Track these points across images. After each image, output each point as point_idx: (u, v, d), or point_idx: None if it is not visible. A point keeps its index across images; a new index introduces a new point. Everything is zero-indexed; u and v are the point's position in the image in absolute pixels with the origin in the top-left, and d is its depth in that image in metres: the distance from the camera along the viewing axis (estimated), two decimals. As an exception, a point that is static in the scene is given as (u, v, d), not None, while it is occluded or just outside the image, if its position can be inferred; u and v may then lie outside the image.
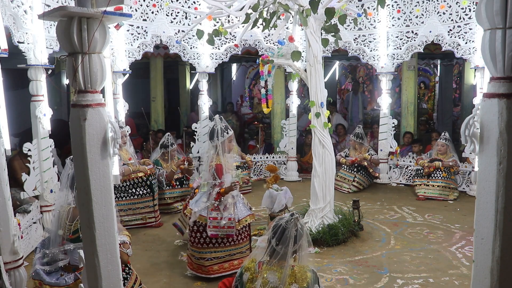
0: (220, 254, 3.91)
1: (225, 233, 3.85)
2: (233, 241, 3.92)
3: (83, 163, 2.02)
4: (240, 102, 12.70)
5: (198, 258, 3.91)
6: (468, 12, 6.13)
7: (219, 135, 3.87)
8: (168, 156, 5.99)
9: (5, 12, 3.96)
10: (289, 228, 2.35)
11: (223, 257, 3.91)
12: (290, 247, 2.36)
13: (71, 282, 3.10)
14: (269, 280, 2.38)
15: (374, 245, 4.67)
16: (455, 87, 11.80)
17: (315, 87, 4.67)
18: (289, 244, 2.35)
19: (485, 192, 1.74)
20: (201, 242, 3.89)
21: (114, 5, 1.94)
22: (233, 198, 3.93)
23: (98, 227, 2.06)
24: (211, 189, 3.90)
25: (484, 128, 1.73)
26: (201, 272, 3.91)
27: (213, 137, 3.91)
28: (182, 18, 6.56)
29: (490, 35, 1.67)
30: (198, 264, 3.92)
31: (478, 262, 1.81)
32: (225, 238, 3.88)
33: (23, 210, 4.43)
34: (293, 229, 2.35)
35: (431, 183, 6.47)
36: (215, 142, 3.89)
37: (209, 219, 3.83)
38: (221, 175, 3.87)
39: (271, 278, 2.38)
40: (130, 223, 5.22)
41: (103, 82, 2.06)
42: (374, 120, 10.38)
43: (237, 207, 3.96)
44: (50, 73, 4.80)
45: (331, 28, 4.62)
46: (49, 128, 4.69)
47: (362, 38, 7.00)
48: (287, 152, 7.66)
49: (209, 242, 3.89)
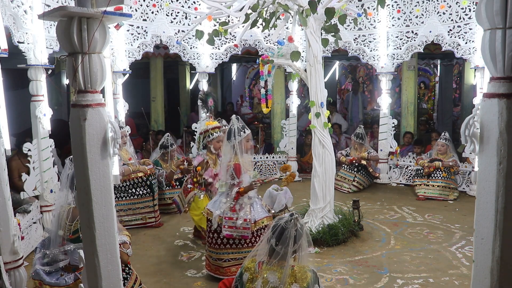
0: (237, 256, 3.85)
1: (240, 234, 3.79)
2: (250, 243, 3.84)
3: (83, 163, 2.01)
4: (240, 102, 12.70)
5: (216, 259, 3.87)
6: (468, 12, 6.13)
7: (236, 134, 3.86)
8: (168, 156, 5.99)
9: (5, 12, 3.96)
10: (289, 228, 2.36)
11: (240, 258, 3.82)
12: (290, 247, 2.36)
13: (71, 282, 3.10)
14: (269, 280, 2.38)
15: (374, 245, 4.67)
16: (455, 87, 11.80)
17: (315, 87, 4.67)
18: (289, 244, 2.35)
19: (485, 192, 1.74)
20: (218, 243, 3.85)
21: (114, 5, 1.93)
22: (249, 198, 3.88)
23: (98, 227, 2.06)
24: (229, 190, 3.87)
25: (484, 128, 1.73)
26: (219, 274, 3.86)
27: (230, 137, 3.89)
28: (182, 18, 6.56)
29: (490, 35, 1.67)
30: (216, 265, 3.88)
31: (478, 262, 1.81)
32: (241, 239, 3.82)
33: (23, 210, 4.43)
34: (292, 229, 2.36)
35: (431, 183, 6.47)
36: (232, 141, 3.87)
37: (225, 218, 3.79)
38: (240, 174, 3.84)
39: (271, 278, 2.39)
40: (130, 223, 5.22)
41: (103, 82, 2.06)
42: (374, 120, 10.38)
43: (254, 208, 3.89)
44: (50, 73, 4.80)
45: (331, 28, 4.62)
46: (49, 128, 4.69)
47: (362, 38, 7.00)
48: (287, 152, 7.66)
49: (226, 243, 3.84)
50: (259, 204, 4.00)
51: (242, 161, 3.92)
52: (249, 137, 3.98)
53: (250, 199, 3.90)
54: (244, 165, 3.93)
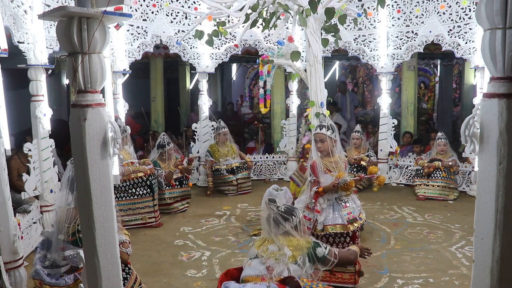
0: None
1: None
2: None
3: (83, 163, 2.01)
4: (240, 102, 12.71)
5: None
6: (468, 12, 6.13)
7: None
8: (166, 156, 5.97)
9: (5, 12, 3.96)
10: (270, 215, 2.76)
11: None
12: (278, 228, 2.74)
13: (71, 282, 3.10)
14: (269, 248, 2.70)
15: (374, 245, 4.67)
16: (455, 87, 11.81)
17: (315, 87, 4.67)
18: (273, 227, 2.74)
19: (485, 192, 1.74)
20: None
21: (114, 5, 1.93)
22: (325, 201, 3.79)
23: (98, 227, 2.06)
24: (308, 187, 3.88)
25: (484, 128, 1.73)
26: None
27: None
28: (182, 18, 6.56)
29: (490, 35, 1.67)
30: None
31: (478, 262, 1.80)
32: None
33: (23, 210, 4.43)
34: (271, 216, 2.76)
35: (431, 183, 6.47)
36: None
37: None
38: (316, 173, 3.81)
39: (271, 248, 2.71)
40: (130, 223, 5.22)
41: (103, 82, 2.06)
42: (367, 120, 10.41)
43: (329, 211, 3.76)
44: (50, 73, 4.80)
45: (331, 28, 4.62)
46: (49, 128, 4.69)
47: (362, 38, 7.00)
48: (287, 152, 7.66)
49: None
50: (338, 211, 3.80)
51: (327, 161, 3.88)
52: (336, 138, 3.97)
53: (326, 202, 3.79)
54: (328, 165, 3.88)
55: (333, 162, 3.89)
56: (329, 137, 3.87)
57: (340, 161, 3.93)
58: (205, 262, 4.26)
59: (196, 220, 5.58)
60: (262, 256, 2.68)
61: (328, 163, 3.90)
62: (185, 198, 6.11)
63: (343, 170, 3.90)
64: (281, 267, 2.61)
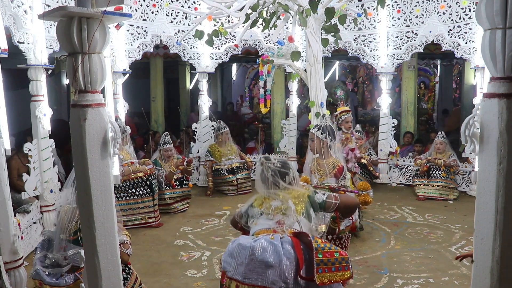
0: None
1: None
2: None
3: (83, 163, 2.01)
4: (240, 102, 12.71)
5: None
6: (468, 12, 6.14)
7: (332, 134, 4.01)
8: (169, 153, 5.99)
9: (5, 12, 3.96)
10: (265, 172, 2.74)
11: None
12: (276, 184, 2.71)
13: (71, 282, 3.10)
14: (272, 204, 2.66)
15: (374, 245, 4.67)
16: (455, 87, 11.81)
17: (315, 87, 4.67)
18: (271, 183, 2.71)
19: (485, 192, 1.73)
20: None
21: (114, 5, 1.93)
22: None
23: (98, 227, 2.06)
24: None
25: (484, 128, 1.73)
26: None
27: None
28: (182, 18, 6.56)
29: (490, 35, 1.67)
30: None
31: (478, 262, 1.80)
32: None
33: (23, 210, 4.43)
34: (269, 174, 2.72)
35: (431, 183, 6.47)
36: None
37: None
38: (303, 169, 3.92)
39: (274, 203, 2.67)
40: (130, 223, 5.22)
41: (103, 82, 2.06)
42: (367, 120, 10.41)
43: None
44: (50, 73, 4.80)
45: (331, 28, 4.63)
46: (49, 128, 4.69)
47: (362, 38, 7.00)
48: (287, 152, 7.66)
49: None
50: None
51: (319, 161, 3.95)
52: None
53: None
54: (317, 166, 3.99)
55: (324, 164, 3.95)
56: (317, 137, 3.96)
57: (329, 165, 3.97)
58: (205, 262, 4.27)
59: (196, 220, 5.58)
60: (268, 213, 2.64)
61: (318, 165, 3.97)
62: (185, 198, 6.12)
63: (325, 175, 3.94)
64: (290, 219, 2.57)
